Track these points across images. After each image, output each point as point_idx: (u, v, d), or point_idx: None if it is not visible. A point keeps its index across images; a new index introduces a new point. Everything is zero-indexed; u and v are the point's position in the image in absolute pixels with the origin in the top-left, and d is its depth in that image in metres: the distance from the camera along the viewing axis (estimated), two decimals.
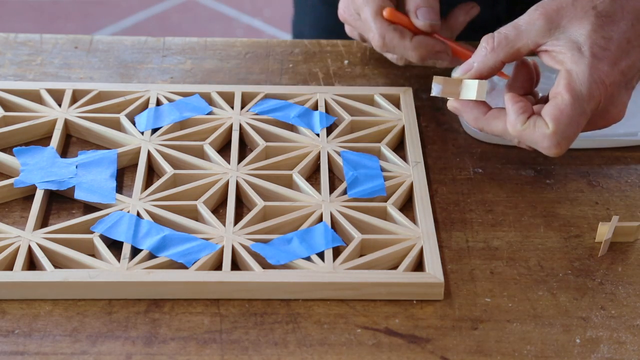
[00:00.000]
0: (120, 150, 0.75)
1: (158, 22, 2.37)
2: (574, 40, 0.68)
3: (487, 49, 0.70)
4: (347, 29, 0.83)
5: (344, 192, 0.72)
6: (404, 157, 0.77)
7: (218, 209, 0.72)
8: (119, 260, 0.66)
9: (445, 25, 0.80)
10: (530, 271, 0.68)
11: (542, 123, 0.67)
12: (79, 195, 0.71)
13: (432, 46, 0.77)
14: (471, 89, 0.71)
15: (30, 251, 0.67)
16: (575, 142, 0.79)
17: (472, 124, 0.71)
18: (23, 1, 2.42)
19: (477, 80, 0.70)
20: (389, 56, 0.82)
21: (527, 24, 0.69)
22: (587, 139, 0.79)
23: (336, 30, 0.90)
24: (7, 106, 0.80)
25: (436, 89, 0.72)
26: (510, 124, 0.68)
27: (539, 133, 0.67)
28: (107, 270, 0.65)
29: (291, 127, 0.79)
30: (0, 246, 0.66)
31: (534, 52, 0.70)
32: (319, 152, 0.76)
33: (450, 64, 0.79)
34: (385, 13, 0.76)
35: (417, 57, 0.77)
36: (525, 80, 0.72)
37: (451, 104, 0.72)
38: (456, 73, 0.72)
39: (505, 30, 0.70)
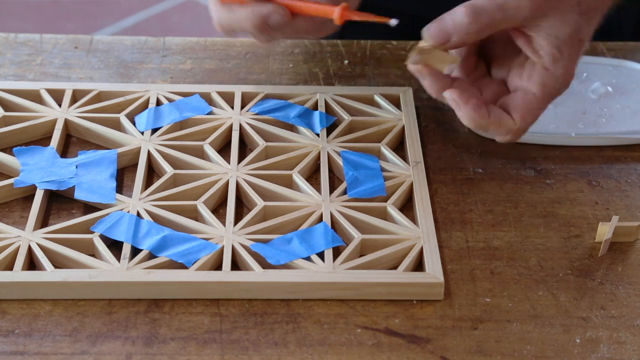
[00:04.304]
0: (120, 150, 0.75)
1: (158, 22, 2.37)
2: (556, 36, 0.67)
3: (467, 20, 0.65)
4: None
5: (344, 192, 0.72)
6: (404, 157, 0.77)
7: (218, 209, 0.72)
8: (119, 260, 0.66)
9: None
10: (530, 271, 0.68)
11: (508, 118, 0.67)
12: (79, 195, 0.71)
13: (259, 12, 0.71)
14: (443, 61, 0.68)
15: (30, 251, 0.67)
16: (575, 140, 0.79)
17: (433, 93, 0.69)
18: (23, 1, 2.42)
19: (452, 54, 0.68)
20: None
21: (515, 1, 0.66)
22: (588, 137, 0.79)
23: None
24: (7, 106, 0.80)
25: (414, 58, 0.68)
26: (473, 120, 0.67)
27: (505, 128, 0.68)
28: (107, 270, 0.65)
29: (291, 127, 0.79)
30: (0, 246, 0.66)
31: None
32: (319, 152, 0.76)
33: (285, 27, 0.72)
34: None
35: (253, 28, 0.71)
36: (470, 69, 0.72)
37: (416, 68, 0.69)
38: (430, 40, 0.67)
39: (489, 4, 0.66)
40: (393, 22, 0.68)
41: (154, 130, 0.78)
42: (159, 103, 0.81)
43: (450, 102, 0.68)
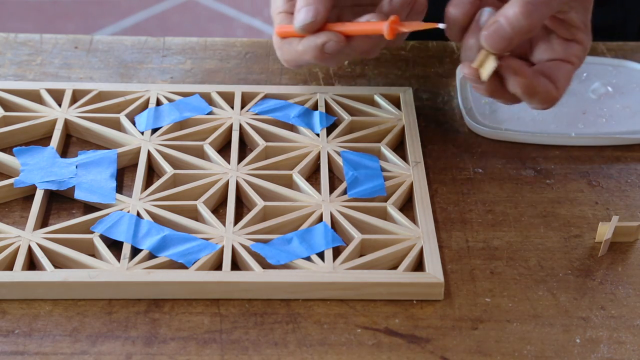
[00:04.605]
0: (120, 150, 0.75)
1: (158, 22, 2.37)
2: (582, 13, 0.70)
3: (526, 22, 0.65)
4: None
5: (344, 192, 0.72)
6: (404, 157, 0.77)
7: (218, 209, 0.72)
8: (119, 260, 0.66)
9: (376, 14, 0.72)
10: (530, 271, 0.68)
11: (552, 87, 0.69)
12: (79, 195, 0.71)
13: (315, 43, 0.71)
14: (488, 67, 0.67)
15: (30, 251, 0.67)
16: (575, 140, 0.79)
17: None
18: (23, 1, 2.42)
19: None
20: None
21: None
22: (587, 137, 0.79)
23: None
24: (7, 106, 0.80)
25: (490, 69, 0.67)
26: (529, 87, 0.69)
27: (549, 96, 0.70)
28: (107, 270, 0.65)
29: (291, 127, 0.79)
30: (0, 246, 0.66)
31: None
32: (319, 152, 0.76)
33: (344, 50, 0.72)
34: (276, 30, 0.74)
35: (314, 59, 0.72)
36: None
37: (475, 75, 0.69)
38: (492, 49, 0.66)
39: None
40: (441, 25, 0.68)
41: (154, 130, 0.78)
42: (159, 103, 0.81)
43: (508, 70, 0.68)
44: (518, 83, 0.68)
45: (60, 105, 0.80)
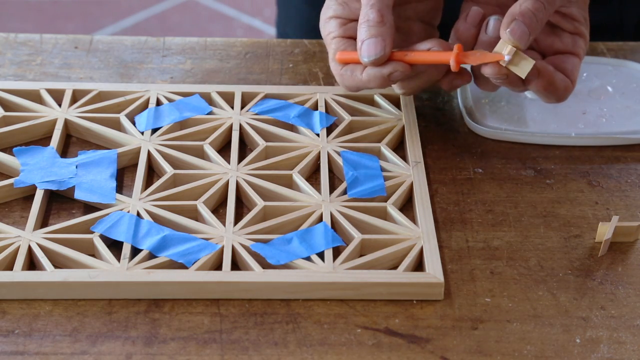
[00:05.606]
0: (120, 150, 0.75)
1: (158, 22, 2.37)
2: (581, 7, 0.74)
3: (535, 11, 0.69)
4: None
5: (344, 192, 0.72)
6: (404, 157, 0.77)
7: (218, 209, 0.72)
8: (119, 260, 0.66)
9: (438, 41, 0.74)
10: (530, 271, 0.68)
11: (568, 81, 0.73)
12: (79, 195, 0.71)
13: (381, 73, 0.72)
14: (525, 67, 0.69)
15: (30, 251, 0.67)
16: (575, 140, 0.79)
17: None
18: (23, 1, 2.42)
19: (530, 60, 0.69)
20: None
21: None
22: (588, 137, 0.79)
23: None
24: (7, 106, 0.80)
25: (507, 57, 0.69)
26: (556, 86, 0.73)
27: (566, 91, 0.74)
28: (107, 270, 0.65)
29: (291, 127, 0.79)
30: (0, 246, 0.66)
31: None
32: (319, 152, 0.76)
33: (408, 78, 0.74)
34: (336, 57, 0.74)
35: (378, 87, 0.74)
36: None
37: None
38: (521, 44, 0.69)
39: None
40: (507, 58, 0.69)
41: (154, 130, 0.78)
42: (159, 103, 0.81)
43: (532, 72, 0.70)
44: (541, 83, 0.72)
45: (60, 105, 0.80)
